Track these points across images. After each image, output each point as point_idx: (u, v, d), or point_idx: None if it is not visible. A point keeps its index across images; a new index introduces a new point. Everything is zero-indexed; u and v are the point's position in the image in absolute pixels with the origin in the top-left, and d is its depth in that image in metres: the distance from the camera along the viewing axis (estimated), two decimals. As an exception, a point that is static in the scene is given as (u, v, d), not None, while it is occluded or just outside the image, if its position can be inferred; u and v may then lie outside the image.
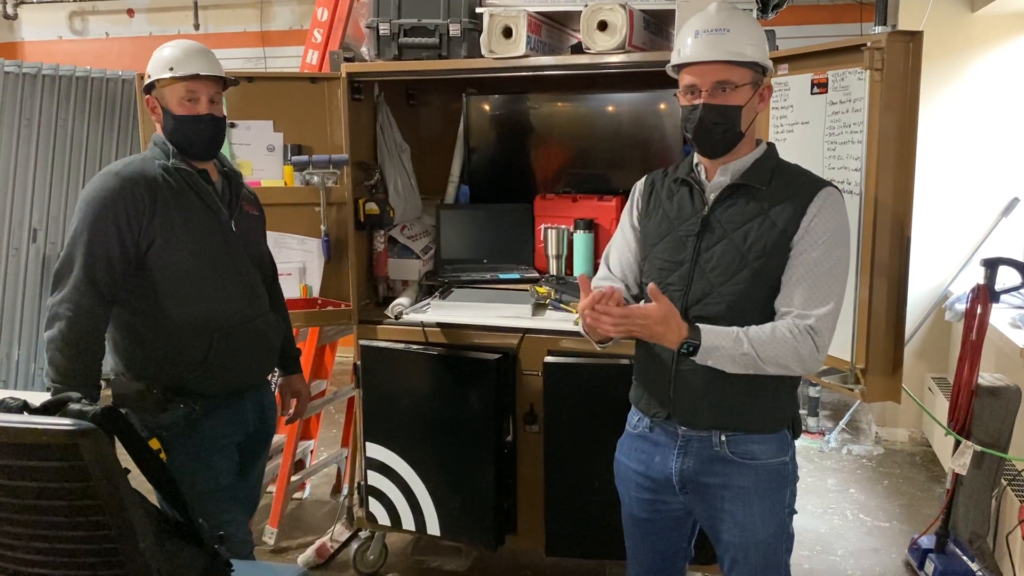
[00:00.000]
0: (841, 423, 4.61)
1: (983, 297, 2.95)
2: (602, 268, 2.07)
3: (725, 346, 1.72)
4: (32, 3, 6.41)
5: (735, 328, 1.74)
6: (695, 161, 1.91)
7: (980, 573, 3.00)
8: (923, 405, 3.67)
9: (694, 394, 1.84)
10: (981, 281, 2.97)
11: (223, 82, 2.19)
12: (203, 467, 2.14)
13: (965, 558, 3.05)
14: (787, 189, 1.79)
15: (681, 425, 1.87)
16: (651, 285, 1.73)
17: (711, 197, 1.84)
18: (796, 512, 1.94)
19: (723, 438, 1.84)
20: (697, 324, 1.74)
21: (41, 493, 1.30)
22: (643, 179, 2.03)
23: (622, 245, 2.03)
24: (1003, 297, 3.02)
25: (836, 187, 1.83)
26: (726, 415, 1.83)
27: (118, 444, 1.42)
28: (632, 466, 1.99)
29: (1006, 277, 2.98)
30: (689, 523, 2.01)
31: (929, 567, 3.11)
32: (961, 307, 3.74)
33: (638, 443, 1.98)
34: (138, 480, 1.46)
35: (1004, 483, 3.04)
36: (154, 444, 1.97)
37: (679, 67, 1.83)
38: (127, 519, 1.33)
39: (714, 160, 1.85)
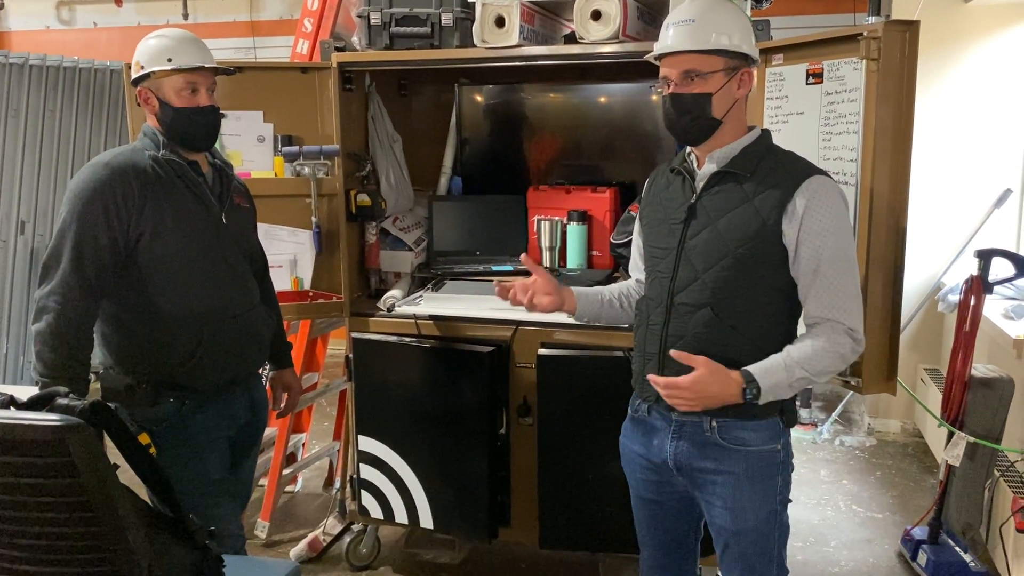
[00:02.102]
0: (834, 414, 4.61)
1: (977, 288, 2.95)
2: (631, 264, 2.18)
3: (781, 379, 1.75)
4: (19, -8, 6.35)
5: (779, 356, 1.77)
6: (688, 150, 1.93)
7: (973, 564, 3.00)
8: (916, 396, 3.67)
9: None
10: (974, 272, 2.97)
11: (215, 71, 2.17)
12: (194, 462, 2.12)
13: (958, 549, 3.06)
14: (773, 177, 1.80)
15: (670, 410, 1.88)
16: (674, 352, 1.79)
17: (699, 185, 1.87)
18: (791, 501, 1.94)
19: (714, 423, 1.85)
20: (747, 369, 1.76)
21: (28, 489, 1.28)
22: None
23: (635, 241, 2.10)
24: (996, 288, 3.02)
25: (827, 174, 1.82)
26: None
27: (107, 439, 1.40)
28: (635, 449, 2.01)
29: (999, 268, 2.98)
30: (697, 504, 2.01)
31: (922, 558, 3.11)
32: (954, 298, 3.74)
33: (638, 427, 2.01)
34: (128, 475, 1.44)
35: (997, 474, 3.05)
36: (144, 439, 1.96)
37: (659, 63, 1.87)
38: (116, 515, 1.31)
39: (701, 148, 1.87)
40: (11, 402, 1.40)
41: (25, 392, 1.46)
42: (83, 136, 5.29)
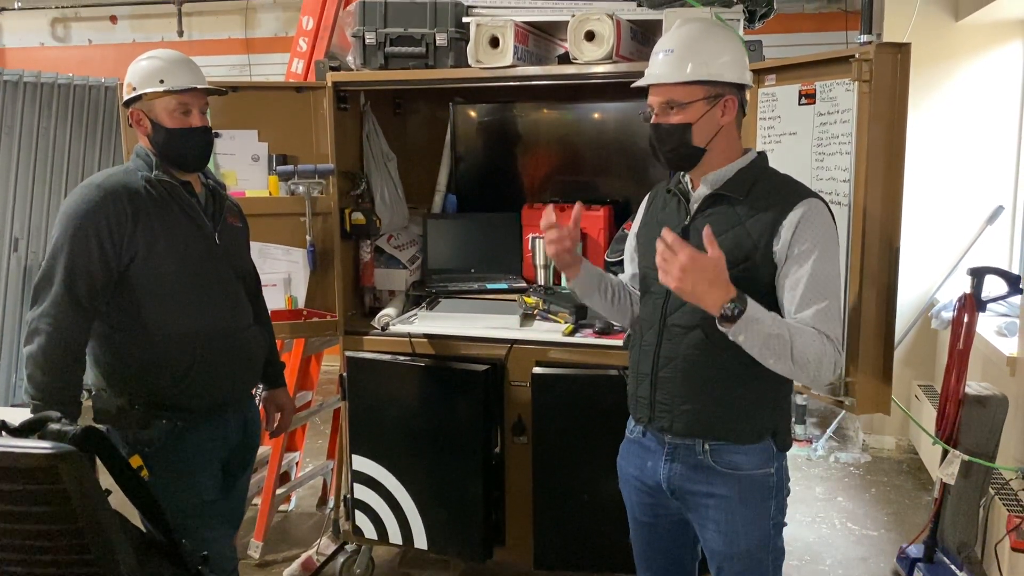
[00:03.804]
0: (828, 431, 4.62)
1: (970, 306, 2.96)
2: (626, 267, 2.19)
3: (764, 321, 1.66)
4: (14, 10, 6.35)
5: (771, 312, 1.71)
6: (683, 172, 1.92)
7: (968, 582, 3.00)
8: (911, 415, 3.67)
9: (673, 401, 1.86)
10: (967, 290, 2.98)
11: (207, 92, 2.17)
12: (186, 483, 2.11)
13: (953, 567, 3.05)
14: (766, 200, 1.80)
15: (662, 432, 1.89)
16: (706, 230, 1.66)
17: (693, 207, 1.87)
18: (786, 524, 1.93)
19: (706, 447, 1.85)
20: (743, 293, 1.66)
21: (20, 516, 1.27)
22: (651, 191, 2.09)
23: (627, 251, 2.12)
24: (989, 306, 3.03)
25: (821, 198, 1.82)
26: (703, 423, 1.84)
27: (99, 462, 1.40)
28: (631, 471, 2.01)
29: (992, 286, 2.99)
30: (692, 526, 2.00)
31: (917, 576, 3.11)
32: (947, 315, 3.76)
33: (634, 448, 2.01)
34: (121, 498, 1.43)
35: (992, 492, 3.05)
36: (136, 461, 1.94)
37: None
38: (107, 541, 1.30)
39: (694, 171, 1.87)
40: (3, 427, 1.39)
41: (17, 415, 1.46)
42: (77, 153, 5.29)
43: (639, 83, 1.86)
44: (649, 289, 1.94)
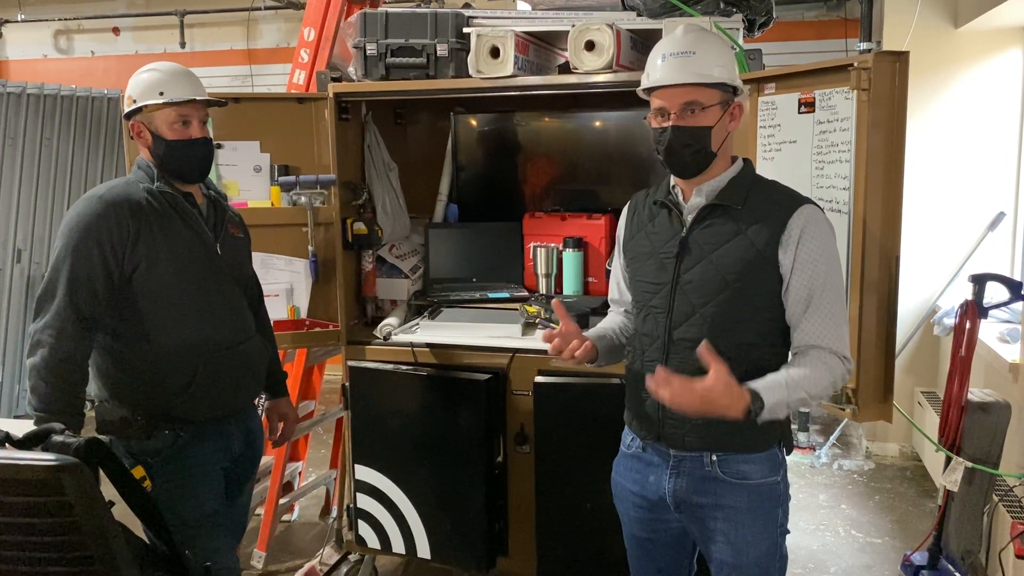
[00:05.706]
0: (832, 438, 4.61)
1: (972, 313, 2.96)
2: (610, 289, 2.16)
3: (783, 398, 1.71)
4: (17, 22, 6.39)
5: (781, 375, 1.74)
6: (671, 183, 1.92)
7: (973, 590, 2.99)
8: (914, 422, 3.68)
9: (682, 417, 1.83)
10: (969, 297, 2.98)
11: (207, 103, 2.18)
12: (189, 494, 2.11)
13: (958, 575, 3.05)
14: (764, 207, 1.81)
15: (669, 446, 1.88)
16: (702, 346, 1.68)
17: (689, 218, 1.86)
18: (789, 532, 1.94)
19: (714, 458, 1.85)
20: (751, 386, 1.70)
21: (24, 527, 1.28)
22: (629, 201, 2.06)
23: (617, 268, 2.09)
24: (991, 312, 3.03)
25: (815, 203, 1.84)
26: (714, 436, 1.83)
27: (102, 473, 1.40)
28: (628, 486, 2.00)
29: (994, 292, 2.99)
30: (690, 540, 2.01)
31: (922, 584, 3.10)
32: (949, 322, 3.76)
33: (632, 463, 1.99)
34: (124, 509, 1.44)
35: (995, 499, 3.04)
36: (139, 472, 1.95)
37: (649, 90, 1.85)
38: (111, 552, 1.31)
39: (688, 181, 1.86)
40: (7, 439, 1.40)
41: (20, 426, 1.46)
42: (80, 164, 5.31)
43: (664, 82, 1.79)
44: (648, 304, 1.90)
